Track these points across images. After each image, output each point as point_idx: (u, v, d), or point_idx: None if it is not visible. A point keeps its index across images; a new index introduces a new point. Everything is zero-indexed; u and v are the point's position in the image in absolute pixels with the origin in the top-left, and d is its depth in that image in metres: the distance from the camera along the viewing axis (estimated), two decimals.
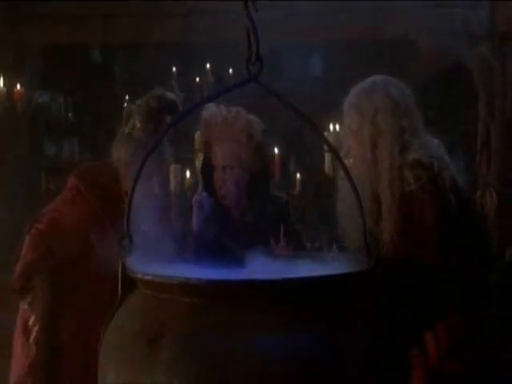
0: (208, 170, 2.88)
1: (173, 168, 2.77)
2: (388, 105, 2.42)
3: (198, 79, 6.17)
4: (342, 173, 2.45)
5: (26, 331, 2.66)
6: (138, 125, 2.65)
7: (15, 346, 2.74)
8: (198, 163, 3.38)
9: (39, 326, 2.58)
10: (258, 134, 2.88)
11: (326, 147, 3.58)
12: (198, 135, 3.32)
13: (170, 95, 2.79)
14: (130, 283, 1.78)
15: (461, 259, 2.27)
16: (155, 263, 1.77)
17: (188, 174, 2.99)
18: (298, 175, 5.38)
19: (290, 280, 1.64)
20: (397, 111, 2.42)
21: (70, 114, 7.02)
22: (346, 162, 2.49)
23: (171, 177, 2.75)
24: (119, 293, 1.80)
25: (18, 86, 5.09)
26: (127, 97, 6.84)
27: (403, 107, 2.43)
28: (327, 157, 3.79)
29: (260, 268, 1.90)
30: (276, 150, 5.13)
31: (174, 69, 5.99)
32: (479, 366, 2.15)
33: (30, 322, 2.61)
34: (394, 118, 2.41)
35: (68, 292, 2.59)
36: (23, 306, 2.69)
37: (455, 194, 2.36)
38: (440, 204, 2.31)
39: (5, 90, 4.99)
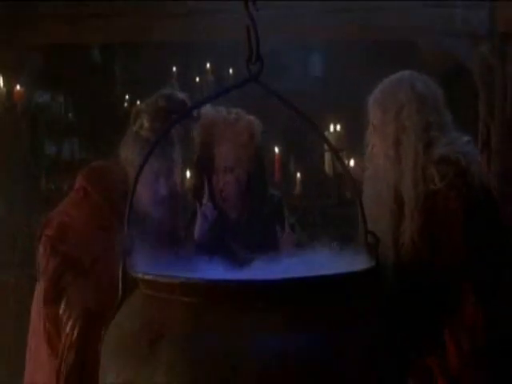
0: (208, 172, 2.87)
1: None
2: (413, 100, 2.34)
3: (198, 79, 6.17)
4: (366, 173, 2.43)
5: (52, 338, 2.62)
6: (146, 124, 2.63)
7: (38, 354, 2.69)
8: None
9: (78, 330, 2.52)
10: (259, 135, 2.88)
11: (326, 147, 3.59)
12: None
13: (180, 95, 2.77)
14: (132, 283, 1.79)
15: (479, 258, 2.22)
16: (158, 263, 1.78)
17: (188, 173, 2.99)
18: (298, 175, 5.40)
19: (289, 280, 1.64)
20: (423, 107, 2.34)
21: (70, 114, 7.02)
22: (368, 163, 2.45)
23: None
24: (120, 292, 1.80)
25: (18, 86, 5.09)
26: (127, 96, 6.87)
27: (430, 103, 2.36)
28: (327, 157, 3.81)
29: (261, 268, 1.90)
30: (276, 150, 5.15)
31: (174, 68, 5.99)
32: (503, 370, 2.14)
33: (68, 328, 2.54)
34: (419, 114, 2.33)
35: (99, 291, 2.48)
36: (49, 315, 2.63)
37: (484, 191, 2.30)
38: (467, 201, 2.24)
39: (5, 89, 5.00)
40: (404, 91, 2.37)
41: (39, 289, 2.71)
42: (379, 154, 2.39)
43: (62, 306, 2.52)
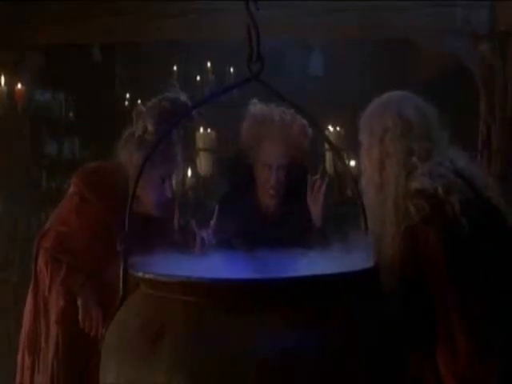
0: (243, 168, 2.88)
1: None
2: (398, 125, 2.26)
3: (198, 78, 6.18)
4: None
5: (67, 348, 2.59)
6: (151, 128, 2.62)
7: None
8: (200, 164, 3.38)
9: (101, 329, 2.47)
10: (310, 137, 2.91)
11: (326, 146, 3.59)
12: (200, 135, 3.32)
13: (183, 97, 2.77)
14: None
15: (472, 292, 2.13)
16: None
17: (190, 173, 2.99)
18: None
19: (289, 280, 1.64)
20: (408, 133, 2.26)
21: (70, 113, 7.02)
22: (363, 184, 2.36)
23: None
24: (121, 292, 1.80)
25: (19, 86, 5.09)
26: (128, 96, 6.87)
27: (417, 129, 2.27)
28: (328, 155, 3.81)
29: (260, 266, 1.90)
30: None
31: (174, 68, 5.99)
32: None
33: (92, 334, 2.50)
34: (403, 140, 2.25)
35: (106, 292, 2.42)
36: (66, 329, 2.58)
37: (479, 214, 2.18)
38: (448, 233, 2.14)
39: (6, 89, 4.99)
40: (390, 115, 2.29)
41: (29, 299, 2.69)
42: (368, 177, 2.34)
43: (80, 312, 2.48)
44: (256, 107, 2.89)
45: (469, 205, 2.17)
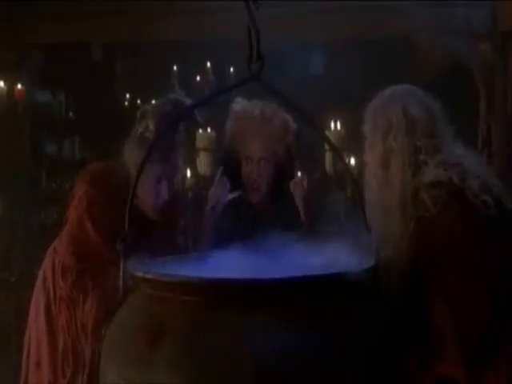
0: (232, 163, 2.92)
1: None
2: (403, 123, 2.23)
3: (198, 78, 6.17)
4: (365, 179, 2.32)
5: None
6: (151, 126, 2.63)
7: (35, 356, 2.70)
8: (200, 164, 3.38)
9: None
10: (292, 131, 2.95)
11: (326, 145, 3.59)
12: (200, 135, 3.33)
13: (187, 101, 2.77)
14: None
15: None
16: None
17: (189, 173, 2.99)
18: (299, 174, 5.38)
19: (289, 279, 1.64)
20: (412, 131, 2.23)
21: (70, 113, 7.03)
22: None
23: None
24: (120, 292, 1.80)
25: (19, 85, 5.09)
26: (127, 95, 6.87)
27: (421, 126, 2.23)
28: (328, 155, 3.80)
29: (260, 266, 1.90)
30: None
31: (174, 67, 5.99)
32: None
33: None
34: (407, 138, 2.22)
35: None
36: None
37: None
38: (474, 213, 2.10)
39: (5, 88, 5.00)
40: (395, 112, 2.25)
41: (37, 296, 2.69)
42: (370, 172, 2.30)
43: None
44: (238, 104, 2.95)
45: (488, 187, 2.15)
